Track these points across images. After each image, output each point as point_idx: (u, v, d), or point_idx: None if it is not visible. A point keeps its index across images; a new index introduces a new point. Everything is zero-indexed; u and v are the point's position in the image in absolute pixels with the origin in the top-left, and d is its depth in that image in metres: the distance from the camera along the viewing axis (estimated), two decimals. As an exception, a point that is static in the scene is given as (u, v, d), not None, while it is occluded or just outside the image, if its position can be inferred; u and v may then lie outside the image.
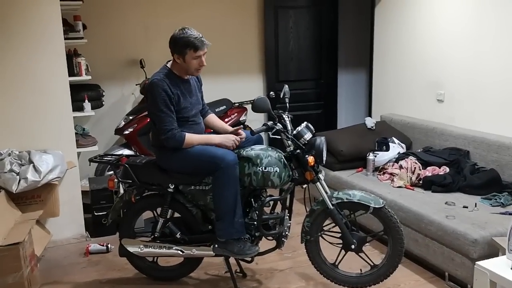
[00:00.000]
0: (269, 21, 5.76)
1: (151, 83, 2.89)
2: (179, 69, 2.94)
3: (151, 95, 2.89)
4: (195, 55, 2.85)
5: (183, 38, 2.83)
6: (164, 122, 2.86)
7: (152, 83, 2.88)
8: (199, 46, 2.84)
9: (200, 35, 2.86)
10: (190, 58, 2.86)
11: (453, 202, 3.39)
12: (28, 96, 3.76)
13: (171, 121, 2.87)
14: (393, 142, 4.31)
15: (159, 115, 2.87)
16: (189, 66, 2.90)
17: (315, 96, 6.15)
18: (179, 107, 2.92)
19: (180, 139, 2.88)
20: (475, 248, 2.85)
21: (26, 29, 3.68)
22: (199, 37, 2.85)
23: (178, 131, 2.88)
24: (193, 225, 3.10)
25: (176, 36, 2.86)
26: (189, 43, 2.82)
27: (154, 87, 2.86)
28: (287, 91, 3.18)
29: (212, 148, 2.94)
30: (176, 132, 2.87)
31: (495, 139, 3.71)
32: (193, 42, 2.82)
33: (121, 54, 5.23)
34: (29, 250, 3.12)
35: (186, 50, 2.84)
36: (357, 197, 2.92)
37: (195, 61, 2.88)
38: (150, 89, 2.89)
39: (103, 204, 4.08)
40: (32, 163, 3.54)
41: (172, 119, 2.88)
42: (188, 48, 2.83)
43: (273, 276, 3.37)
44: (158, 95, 2.84)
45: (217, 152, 2.88)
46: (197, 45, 2.83)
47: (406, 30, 4.81)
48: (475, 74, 4.03)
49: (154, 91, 2.85)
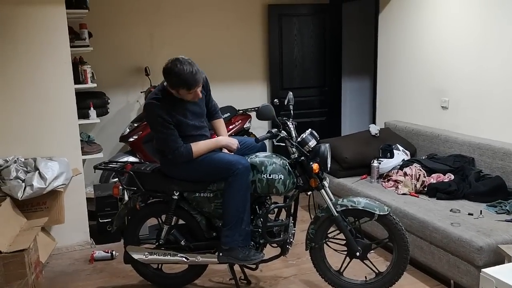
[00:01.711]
0: (273, 29, 5.80)
1: (147, 104, 2.89)
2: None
3: (149, 117, 2.93)
4: (188, 92, 2.80)
5: (175, 75, 2.71)
6: (167, 142, 2.86)
7: (148, 105, 2.88)
8: (192, 84, 2.74)
9: (193, 70, 2.71)
10: (184, 93, 2.81)
11: (458, 209, 3.37)
12: (34, 103, 3.79)
13: (173, 139, 2.85)
14: (398, 149, 4.30)
15: (160, 137, 2.88)
16: (184, 97, 2.85)
17: (319, 103, 6.16)
18: (182, 127, 2.90)
19: (188, 154, 2.86)
20: (480, 255, 2.83)
21: (32, 37, 3.71)
22: (193, 72, 2.71)
23: (183, 147, 2.86)
24: (198, 232, 3.10)
25: (168, 70, 2.74)
26: (181, 83, 2.73)
27: (149, 110, 2.87)
28: (292, 98, 3.18)
29: (225, 155, 2.95)
30: (182, 149, 2.85)
31: (500, 146, 3.70)
32: (185, 81, 2.72)
33: (126, 62, 5.27)
34: (34, 257, 3.13)
35: (179, 88, 2.78)
36: (362, 204, 2.91)
37: (189, 95, 2.83)
38: (146, 110, 2.91)
39: (108, 211, 4.09)
40: (37, 170, 3.56)
41: (173, 137, 2.85)
42: (181, 87, 2.76)
43: (277, 284, 3.36)
44: (154, 119, 2.86)
45: (231, 158, 2.89)
46: (190, 83, 2.73)
47: (410, 37, 4.81)
48: (479, 81, 4.03)
49: (149, 114, 2.89)
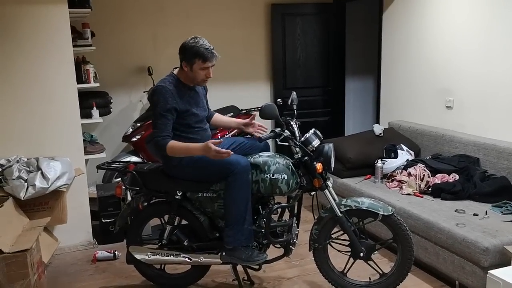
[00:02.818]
0: (276, 28, 5.78)
1: (156, 89, 2.89)
2: (186, 77, 2.93)
3: (152, 100, 2.90)
4: (203, 66, 2.83)
5: (193, 47, 2.81)
6: (155, 127, 2.86)
7: (156, 89, 2.88)
8: (208, 57, 2.82)
9: (211, 47, 2.83)
10: (197, 67, 2.84)
11: (463, 209, 3.35)
12: (37, 103, 3.78)
13: (162, 128, 2.84)
14: (402, 149, 4.28)
15: (155, 121, 2.87)
16: (196, 75, 2.88)
17: (323, 103, 6.14)
18: (186, 114, 2.91)
19: (163, 146, 2.82)
20: (486, 256, 2.80)
21: (35, 37, 3.71)
22: (210, 48, 2.83)
23: (163, 139, 2.82)
24: (201, 232, 3.08)
25: (187, 44, 2.84)
26: (198, 53, 2.80)
27: (157, 94, 2.86)
28: (295, 98, 3.16)
29: None
30: (160, 139, 2.83)
31: (506, 146, 3.67)
32: (203, 53, 2.80)
33: (129, 61, 5.26)
34: (36, 257, 3.12)
35: (194, 60, 2.82)
36: (366, 205, 2.89)
37: (202, 72, 2.86)
38: (153, 94, 2.89)
39: (111, 211, 4.08)
40: (40, 170, 3.55)
41: (163, 127, 2.84)
42: (197, 58, 2.81)
43: (280, 284, 3.35)
44: (158, 102, 2.84)
45: (231, 157, 2.86)
46: (206, 56, 2.81)
47: (414, 37, 4.79)
48: (484, 80, 4.00)
49: (156, 98, 2.86)
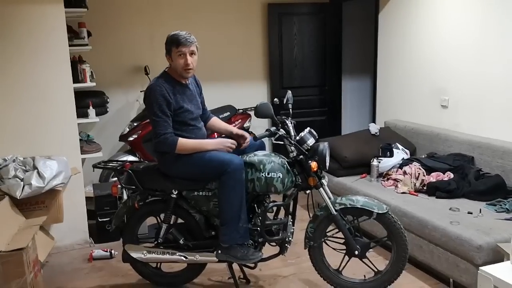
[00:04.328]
0: (273, 28, 5.79)
1: (149, 87, 2.92)
2: (174, 71, 2.97)
3: (148, 99, 2.92)
4: (177, 51, 2.87)
5: (170, 37, 2.91)
6: (158, 126, 2.87)
7: (150, 87, 2.91)
8: (182, 42, 2.86)
9: (187, 34, 2.90)
10: (175, 55, 2.89)
11: (458, 208, 3.37)
12: (33, 102, 3.79)
13: (165, 126, 2.87)
14: (397, 148, 4.30)
15: (154, 120, 2.88)
16: (176, 64, 2.92)
17: (319, 102, 6.15)
18: (179, 111, 2.93)
19: (173, 143, 2.86)
20: (479, 254, 2.82)
21: (31, 36, 3.71)
22: (184, 34, 2.89)
23: (171, 136, 2.87)
24: (196, 231, 3.10)
25: (167, 37, 2.94)
26: (173, 40, 2.89)
27: (151, 92, 2.89)
28: (290, 97, 3.18)
29: (218, 153, 2.94)
30: (168, 136, 2.87)
31: (500, 144, 3.69)
32: (176, 38, 2.87)
33: (125, 61, 5.27)
34: (32, 256, 3.12)
35: (171, 47, 2.90)
36: (361, 203, 2.91)
37: (180, 59, 2.89)
38: (148, 93, 2.92)
39: (107, 210, 4.09)
40: (36, 169, 3.55)
41: (167, 124, 2.87)
42: (172, 45, 2.89)
43: (276, 283, 3.36)
44: (154, 100, 2.86)
45: (224, 156, 2.89)
46: (180, 40, 2.86)
47: (410, 36, 4.81)
48: (479, 79, 4.02)
49: (151, 96, 2.88)
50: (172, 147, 2.87)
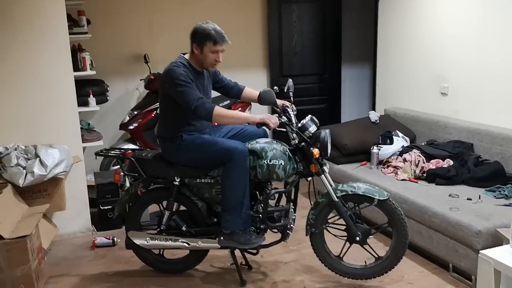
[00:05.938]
0: (272, 16, 5.77)
1: (169, 69, 2.88)
2: (195, 61, 2.95)
3: (169, 77, 2.85)
4: (213, 48, 2.86)
5: (205, 29, 2.86)
6: (190, 94, 2.80)
7: (170, 68, 2.87)
8: (218, 41, 2.86)
9: (222, 31, 2.89)
10: (208, 50, 2.87)
11: (457, 194, 3.40)
12: (34, 91, 3.78)
13: (196, 93, 2.83)
14: (397, 135, 4.32)
15: (183, 90, 2.81)
16: (205, 58, 2.90)
17: (319, 90, 6.16)
18: None
19: (210, 108, 2.80)
20: (479, 239, 2.86)
21: (31, 24, 3.69)
22: (221, 32, 2.89)
23: (204, 102, 2.81)
24: (199, 218, 3.12)
25: (198, 26, 2.90)
26: (210, 35, 2.85)
27: (172, 70, 2.85)
28: (291, 85, 3.19)
29: (223, 140, 2.96)
30: (205, 100, 2.83)
31: (499, 131, 3.72)
32: (213, 35, 2.85)
33: (125, 49, 5.25)
34: (36, 243, 3.15)
35: (205, 42, 2.86)
36: (362, 190, 2.93)
37: (212, 55, 2.89)
38: (168, 73, 2.87)
39: (109, 198, 4.11)
40: (38, 157, 3.56)
41: (197, 91, 2.84)
42: (208, 40, 2.85)
43: (278, 269, 3.40)
44: (178, 74, 2.82)
45: (229, 143, 2.90)
46: (217, 38, 2.85)
47: (409, 24, 4.80)
48: (479, 67, 4.03)
49: (173, 73, 2.83)
50: (209, 112, 2.80)
